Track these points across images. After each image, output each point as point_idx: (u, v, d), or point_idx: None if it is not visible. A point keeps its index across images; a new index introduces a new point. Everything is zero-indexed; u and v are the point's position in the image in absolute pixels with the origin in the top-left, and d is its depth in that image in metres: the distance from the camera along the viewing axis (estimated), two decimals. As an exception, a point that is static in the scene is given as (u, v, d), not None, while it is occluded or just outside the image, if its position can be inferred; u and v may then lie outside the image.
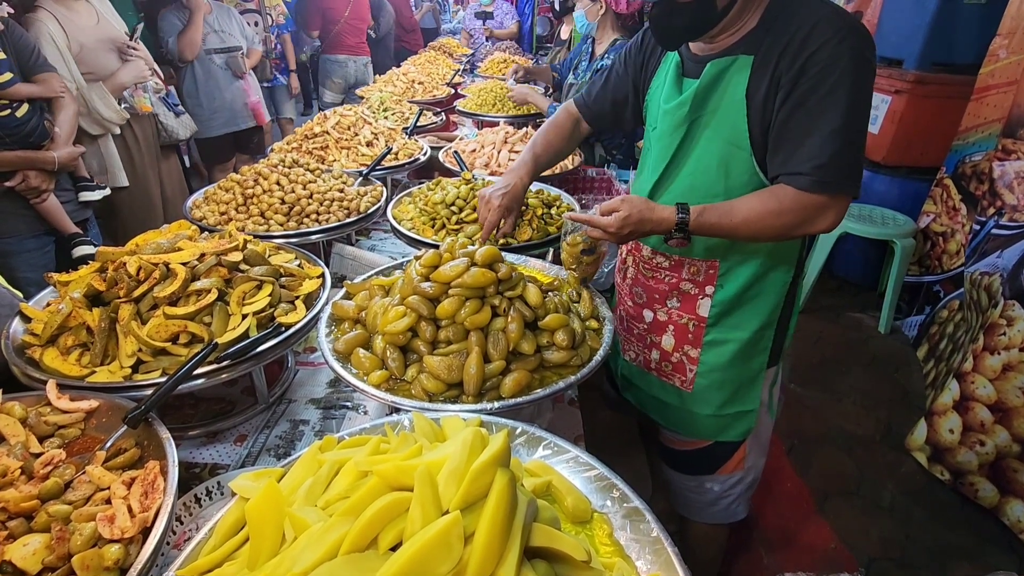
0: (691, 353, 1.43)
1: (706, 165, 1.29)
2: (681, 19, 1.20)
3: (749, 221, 1.19)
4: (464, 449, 0.66)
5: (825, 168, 1.13)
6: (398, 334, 1.09)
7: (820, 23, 1.12)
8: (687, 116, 1.28)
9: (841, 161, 1.13)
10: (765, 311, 1.36)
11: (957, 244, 3.12)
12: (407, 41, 6.98)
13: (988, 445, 2.27)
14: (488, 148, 2.50)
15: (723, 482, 1.55)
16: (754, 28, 1.20)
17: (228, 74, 3.73)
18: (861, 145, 1.16)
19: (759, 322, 1.37)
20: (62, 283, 1.27)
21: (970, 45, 3.14)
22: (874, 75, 1.17)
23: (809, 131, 1.14)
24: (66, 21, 2.46)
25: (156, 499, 0.81)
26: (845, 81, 1.10)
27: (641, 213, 1.24)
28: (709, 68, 1.24)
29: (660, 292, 1.44)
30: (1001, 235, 2.60)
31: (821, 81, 1.11)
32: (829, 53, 1.10)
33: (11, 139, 1.99)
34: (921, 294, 3.39)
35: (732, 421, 1.46)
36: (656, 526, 0.75)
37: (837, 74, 1.10)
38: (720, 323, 1.38)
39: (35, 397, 1.02)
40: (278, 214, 1.84)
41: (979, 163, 2.96)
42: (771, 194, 1.19)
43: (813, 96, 1.12)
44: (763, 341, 1.39)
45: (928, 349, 3.13)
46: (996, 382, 2.27)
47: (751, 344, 1.38)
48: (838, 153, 1.12)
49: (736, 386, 1.42)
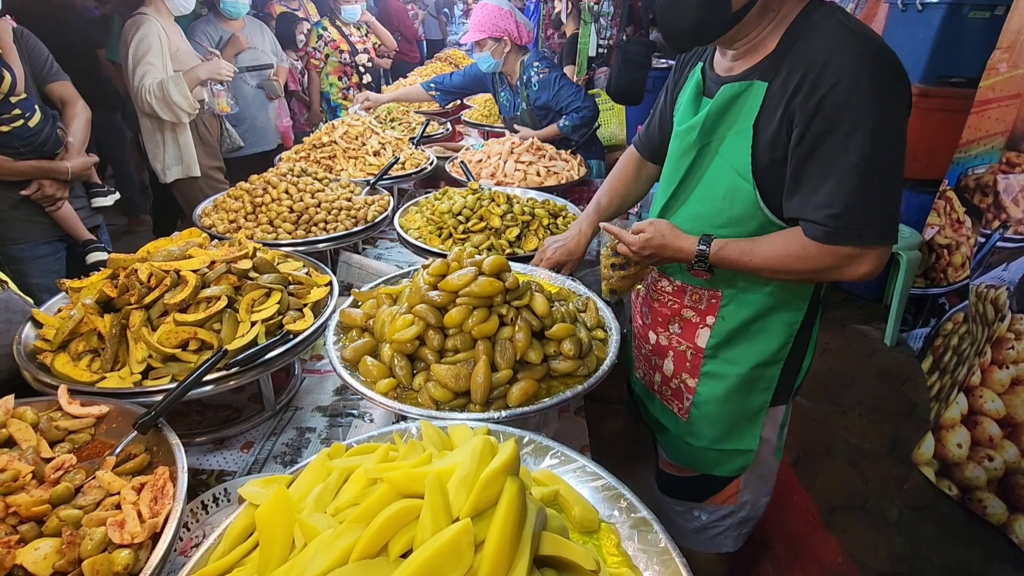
0: (688, 382, 1.40)
1: (712, 194, 1.24)
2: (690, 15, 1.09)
3: (768, 262, 1.15)
4: (474, 457, 0.67)
5: (839, 217, 1.05)
6: (406, 342, 1.10)
7: (838, 53, 1.02)
8: (696, 141, 1.23)
9: (860, 209, 1.05)
10: (767, 349, 1.29)
11: (962, 256, 3.11)
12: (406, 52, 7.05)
13: (997, 460, 2.25)
14: (494, 158, 2.52)
15: (711, 512, 1.51)
16: (772, 51, 1.11)
17: (261, 94, 3.65)
18: (889, 188, 1.06)
19: (758, 359, 1.30)
20: (74, 289, 1.28)
21: (975, 59, 3.15)
22: (905, 105, 1.05)
23: (825, 176, 1.06)
24: (166, 25, 2.76)
25: (166, 505, 0.82)
26: (864, 120, 1.01)
27: (664, 238, 1.24)
28: (722, 92, 1.17)
29: (663, 316, 1.42)
30: (1006, 248, 2.59)
31: (837, 122, 1.02)
32: (846, 89, 1.01)
33: (25, 149, 2.02)
34: (926, 306, 3.38)
35: (726, 457, 1.41)
36: (664, 536, 0.74)
37: (854, 113, 1.01)
38: (718, 355, 1.33)
39: (46, 402, 1.03)
40: (286, 222, 1.86)
41: (983, 176, 2.96)
42: (796, 236, 1.13)
43: (830, 138, 1.04)
44: (763, 380, 1.32)
45: (932, 361, 3.11)
46: (1005, 396, 2.25)
47: (749, 381, 1.32)
48: (856, 200, 1.04)
49: (732, 422, 1.37)
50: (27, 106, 2.00)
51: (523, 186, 2.31)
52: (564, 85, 2.81)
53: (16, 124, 1.97)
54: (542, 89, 2.81)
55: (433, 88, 3.17)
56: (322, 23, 4.40)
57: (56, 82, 2.23)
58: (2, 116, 1.94)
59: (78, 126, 2.23)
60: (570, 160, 2.57)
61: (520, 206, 1.84)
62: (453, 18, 12.02)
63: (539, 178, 2.42)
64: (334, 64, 4.44)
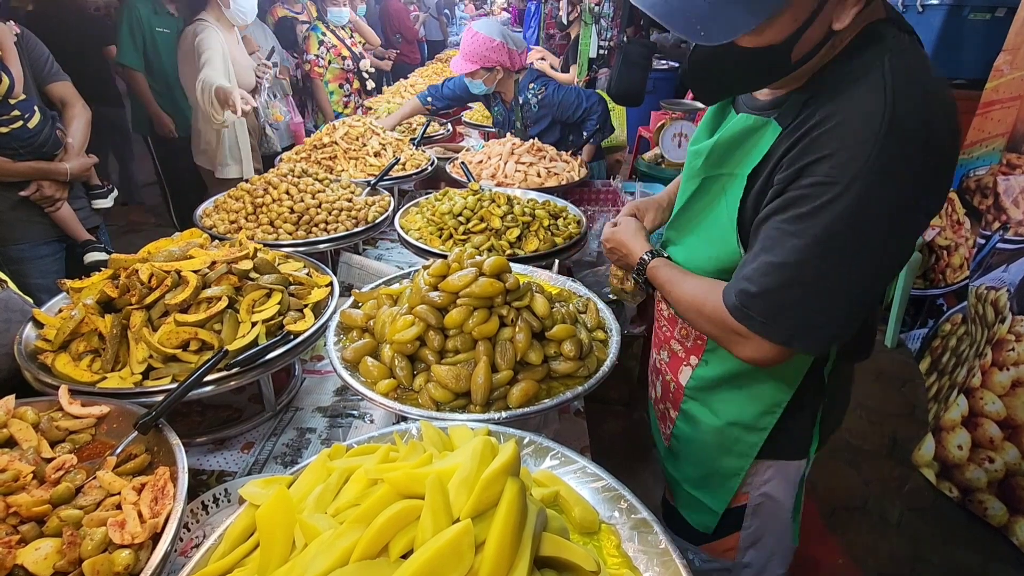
0: (671, 412, 1.30)
1: (708, 235, 1.09)
2: (739, 72, 0.91)
3: (681, 300, 1.06)
4: (475, 458, 0.67)
5: (752, 297, 0.91)
6: (406, 343, 1.10)
7: (853, 114, 0.82)
8: (700, 170, 1.08)
9: (775, 303, 0.89)
10: (746, 412, 1.14)
11: (961, 258, 3.11)
12: (407, 53, 7.06)
13: (997, 462, 2.25)
14: (495, 159, 2.52)
15: (705, 561, 1.36)
16: (803, 85, 0.92)
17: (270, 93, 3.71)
18: (830, 300, 0.88)
19: (734, 418, 1.16)
20: (75, 289, 1.28)
21: (976, 60, 3.15)
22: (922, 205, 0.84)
23: (766, 249, 0.90)
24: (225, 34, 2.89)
25: (166, 505, 0.82)
26: (839, 211, 0.82)
27: (624, 235, 1.19)
28: (736, 122, 1.01)
29: (659, 338, 1.34)
30: (1006, 249, 2.59)
31: (808, 196, 0.85)
32: (836, 165, 0.82)
33: (24, 150, 2.02)
34: (925, 308, 3.38)
35: (696, 505, 1.29)
36: (664, 538, 0.74)
37: (832, 196, 0.82)
38: (698, 399, 1.22)
39: (47, 402, 1.03)
40: (287, 223, 1.86)
41: (983, 177, 2.96)
42: (714, 289, 1.00)
43: (792, 209, 0.87)
44: (741, 444, 1.16)
45: (931, 362, 3.11)
46: (1005, 398, 2.25)
47: (725, 438, 1.18)
48: (775, 292, 0.89)
49: (705, 471, 1.24)
50: (26, 107, 2.00)
51: (523, 187, 2.31)
52: (563, 95, 2.80)
53: (15, 125, 1.97)
54: (544, 108, 2.81)
55: (429, 101, 3.15)
56: (319, 28, 4.28)
57: (56, 82, 2.23)
58: (1, 117, 1.94)
59: (78, 127, 2.23)
60: (571, 161, 2.57)
61: (520, 207, 1.84)
62: (454, 19, 12.03)
63: (539, 179, 2.42)
64: (335, 71, 4.36)
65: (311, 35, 4.23)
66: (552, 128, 2.93)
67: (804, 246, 0.85)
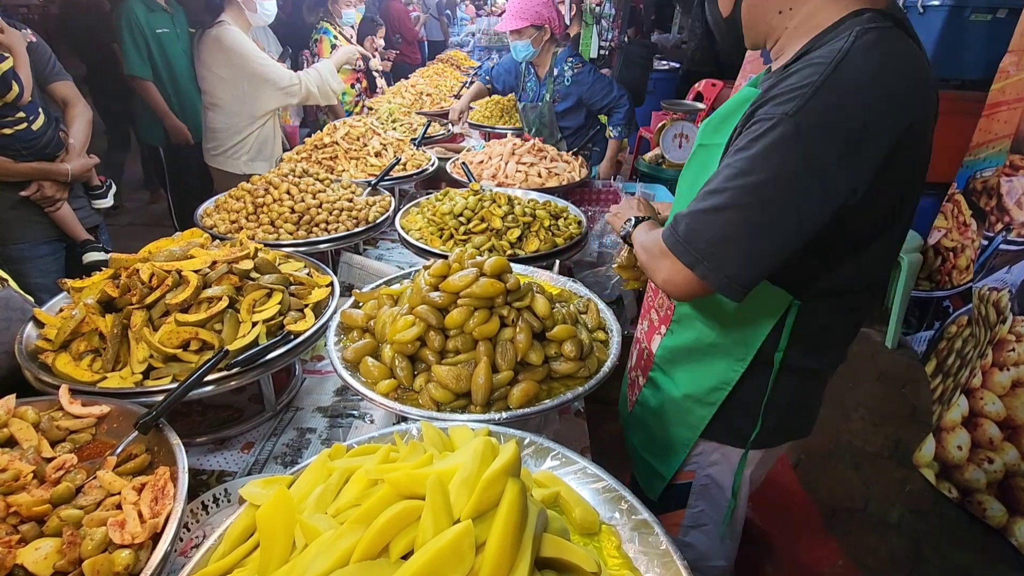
0: (640, 380, 1.36)
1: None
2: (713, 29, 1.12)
3: (639, 243, 1.14)
4: (475, 458, 0.67)
5: (680, 219, 0.95)
6: (407, 343, 1.10)
7: (805, 66, 0.86)
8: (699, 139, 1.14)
9: (693, 226, 0.93)
10: (699, 385, 1.19)
11: (967, 259, 3.11)
12: (407, 54, 7.06)
13: (997, 463, 2.25)
14: (495, 160, 2.52)
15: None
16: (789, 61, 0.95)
17: None
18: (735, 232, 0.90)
19: (689, 390, 1.21)
20: (75, 289, 1.28)
21: (977, 61, 3.15)
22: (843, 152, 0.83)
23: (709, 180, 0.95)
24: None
25: (166, 505, 0.82)
26: (759, 144, 0.85)
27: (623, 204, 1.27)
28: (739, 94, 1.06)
29: (644, 309, 1.38)
30: (1009, 251, 2.59)
31: (745, 134, 0.89)
32: (775, 105, 0.85)
33: (27, 151, 2.02)
34: (931, 309, 3.37)
35: (648, 470, 1.36)
36: (665, 539, 0.74)
37: (758, 132, 0.86)
38: (663, 369, 1.27)
39: (47, 402, 1.03)
40: (288, 223, 1.86)
41: (989, 178, 2.96)
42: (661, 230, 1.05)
43: (734, 146, 0.92)
44: (692, 416, 1.22)
45: (936, 364, 3.11)
46: (1005, 398, 2.25)
47: (679, 408, 1.24)
48: (697, 215, 0.93)
49: (660, 441, 1.31)
50: (31, 110, 2.01)
51: (524, 187, 2.31)
52: (597, 79, 2.84)
53: (20, 127, 1.98)
54: (575, 84, 2.84)
55: (488, 79, 3.36)
56: (330, 31, 4.19)
57: (58, 82, 2.23)
58: (6, 119, 1.94)
59: (79, 127, 2.23)
60: (571, 162, 2.57)
61: (521, 207, 1.84)
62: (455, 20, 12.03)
63: (540, 179, 2.42)
64: (346, 71, 4.29)
65: (323, 38, 4.16)
66: (578, 109, 2.96)
67: (726, 176, 0.89)
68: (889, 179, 0.88)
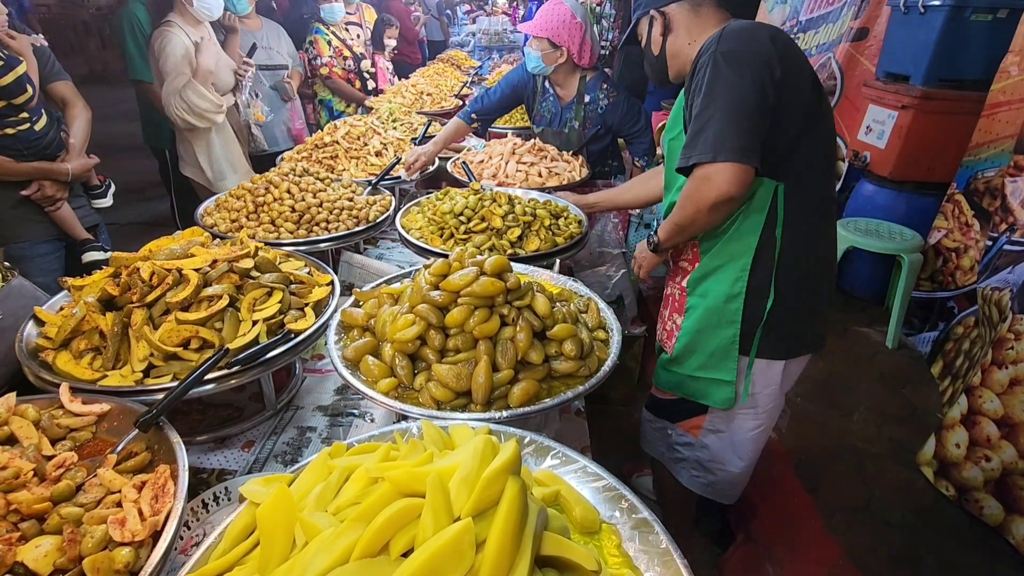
0: (677, 320, 1.61)
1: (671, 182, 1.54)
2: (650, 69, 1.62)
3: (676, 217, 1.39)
4: (475, 456, 0.66)
5: (688, 147, 1.29)
6: (407, 342, 1.10)
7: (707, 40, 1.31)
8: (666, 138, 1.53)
9: (692, 142, 1.27)
10: (727, 283, 1.47)
11: (971, 260, 3.10)
12: (407, 54, 7.06)
13: (994, 461, 2.24)
14: (496, 159, 2.52)
15: (680, 435, 1.74)
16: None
17: (275, 96, 3.63)
18: (724, 122, 1.24)
19: (724, 292, 1.47)
20: (76, 287, 1.29)
21: (977, 61, 3.14)
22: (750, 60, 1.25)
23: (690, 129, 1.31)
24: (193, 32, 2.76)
25: (167, 503, 0.82)
26: (711, 74, 1.26)
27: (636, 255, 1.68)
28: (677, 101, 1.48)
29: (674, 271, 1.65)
30: (1013, 251, 2.59)
31: (699, 84, 1.29)
32: (700, 63, 1.30)
33: (29, 151, 2.03)
34: (934, 310, 3.36)
35: (707, 387, 1.58)
36: (665, 538, 0.74)
37: (705, 72, 1.28)
38: (695, 291, 1.55)
39: (48, 400, 1.03)
40: (288, 222, 1.86)
41: (992, 179, 2.96)
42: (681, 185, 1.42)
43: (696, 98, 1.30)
44: (729, 313, 1.48)
45: (943, 366, 3.10)
46: (1003, 396, 2.24)
47: (718, 312, 1.49)
48: (691, 137, 1.28)
49: (709, 353, 1.54)
50: (35, 111, 2.02)
51: (524, 187, 2.31)
52: (630, 106, 2.75)
53: (22, 127, 1.99)
54: (608, 113, 2.73)
55: (474, 118, 2.82)
56: (323, 30, 4.17)
57: (58, 81, 2.23)
58: (9, 119, 1.95)
59: (79, 127, 2.24)
60: (571, 162, 2.57)
61: (522, 207, 1.84)
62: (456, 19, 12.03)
63: (540, 179, 2.42)
64: (339, 72, 4.31)
65: (317, 37, 4.16)
66: (605, 136, 2.84)
67: (700, 107, 1.28)
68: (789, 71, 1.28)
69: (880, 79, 3.64)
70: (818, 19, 4.13)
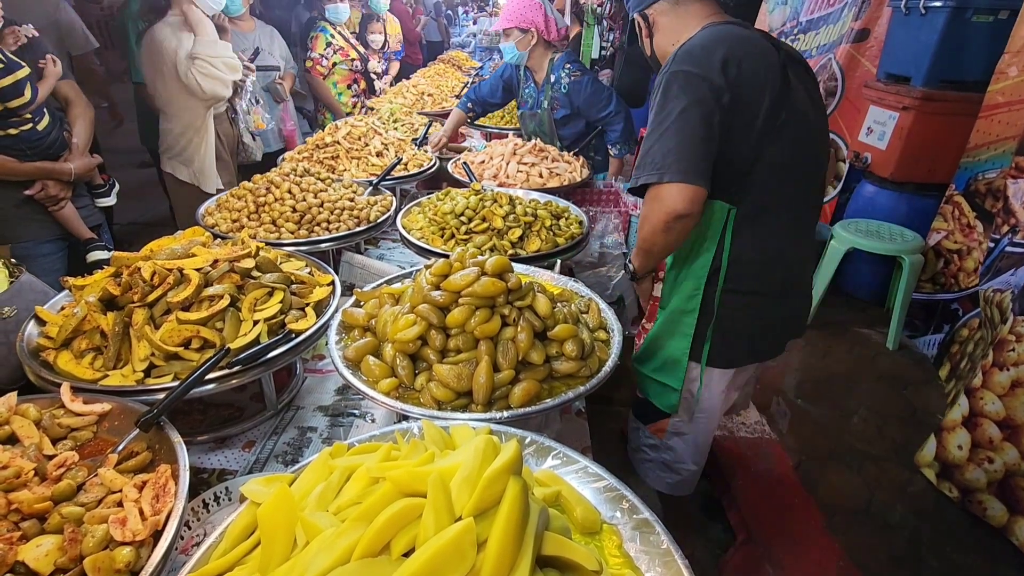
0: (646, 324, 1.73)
1: None
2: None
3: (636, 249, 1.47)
4: (477, 456, 0.66)
5: (638, 167, 1.34)
6: (408, 342, 1.10)
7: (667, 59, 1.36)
8: None
9: (651, 158, 1.30)
10: (683, 299, 1.52)
11: (974, 262, 3.09)
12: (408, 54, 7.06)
13: (997, 462, 2.24)
14: (497, 160, 2.52)
15: (648, 437, 1.83)
16: None
17: (267, 98, 3.56)
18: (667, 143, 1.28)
19: (680, 306, 1.53)
20: (77, 287, 1.29)
21: (979, 62, 3.14)
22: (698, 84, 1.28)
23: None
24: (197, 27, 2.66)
25: (167, 502, 0.82)
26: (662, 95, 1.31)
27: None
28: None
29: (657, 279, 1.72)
30: (1015, 253, 2.58)
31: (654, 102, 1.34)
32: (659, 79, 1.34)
33: (31, 151, 2.03)
34: (937, 312, 3.36)
35: (660, 389, 1.65)
36: (666, 538, 0.74)
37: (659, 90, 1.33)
38: (662, 302, 1.63)
39: (49, 399, 1.03)
40: (289, 222, 1.86)
41: (994, 180, 2.95)
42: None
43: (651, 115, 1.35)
44: (682, 325, 1.54)
45: (950, 368, 3.10)
46: (1005, 398, 2.24)
47: (672, 322, 1.56)
48: (648, 152, 1.31)
49: (663, 359, 1.61)
50: (37, 111, 2.02)
51: (525, 187, 2.31)
52: (596, 90, 2.77)
53: (25, 128, 1.99)
54: (573, 93, 2.78)
55: (469, 106, 3.11)
56: (328, 29, 4.17)
57: (59, 81, 2.23)
58: (11, 119, 1.95)
59: (82, 127, 2.24)
60: (572, 162, 2.57)
61: (523, 207, 1.84)
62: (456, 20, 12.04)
63: (541, 179, 2.42)
64: (343, 72, 4.26)
65: (319, 35, 4.17)
66: (576, 118, 2.90)
67: (651, 124, 1.32)
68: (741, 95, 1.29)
69: (881, 80, 3.64)
70: (819, 20, 4.13)
